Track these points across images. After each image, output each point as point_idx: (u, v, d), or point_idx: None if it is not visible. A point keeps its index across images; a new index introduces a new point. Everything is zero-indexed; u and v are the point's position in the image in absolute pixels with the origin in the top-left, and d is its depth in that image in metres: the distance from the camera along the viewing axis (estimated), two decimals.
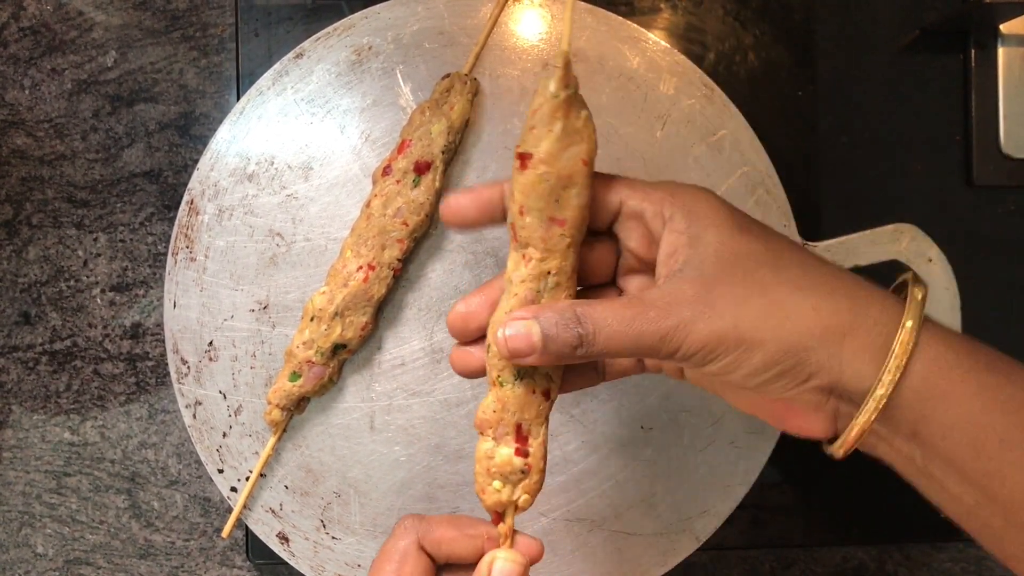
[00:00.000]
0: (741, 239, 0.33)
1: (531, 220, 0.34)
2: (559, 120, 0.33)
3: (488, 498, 0.36)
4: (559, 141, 0.33)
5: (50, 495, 0.58)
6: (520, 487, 0.36)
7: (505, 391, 0.36)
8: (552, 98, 0.33)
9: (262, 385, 0.49)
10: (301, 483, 0.49)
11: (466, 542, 0.36)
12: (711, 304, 0.32)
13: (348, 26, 0.49)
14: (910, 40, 0.57)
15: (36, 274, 0.58)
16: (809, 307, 0.32)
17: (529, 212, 0.34)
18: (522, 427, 0.36)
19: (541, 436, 0.36)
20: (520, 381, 0.35)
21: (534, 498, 0.37)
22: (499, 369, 0.36)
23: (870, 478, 0.56)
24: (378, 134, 0.49)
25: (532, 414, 0.36)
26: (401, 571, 0.35)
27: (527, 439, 0.36)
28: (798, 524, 0.56)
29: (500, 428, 0.36)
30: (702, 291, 0.32)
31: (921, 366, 0.32)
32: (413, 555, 0.35)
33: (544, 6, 0.49)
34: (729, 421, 0.49)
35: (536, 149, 0.33)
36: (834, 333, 0.32)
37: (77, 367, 0.58)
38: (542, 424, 0.36)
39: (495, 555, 0.35)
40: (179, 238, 0.49)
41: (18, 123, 0.58)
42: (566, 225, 0.34)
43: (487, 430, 0.36)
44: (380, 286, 0.47)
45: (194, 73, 0.58)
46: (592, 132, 0.34)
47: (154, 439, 0.58)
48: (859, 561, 0.60)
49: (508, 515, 0.36)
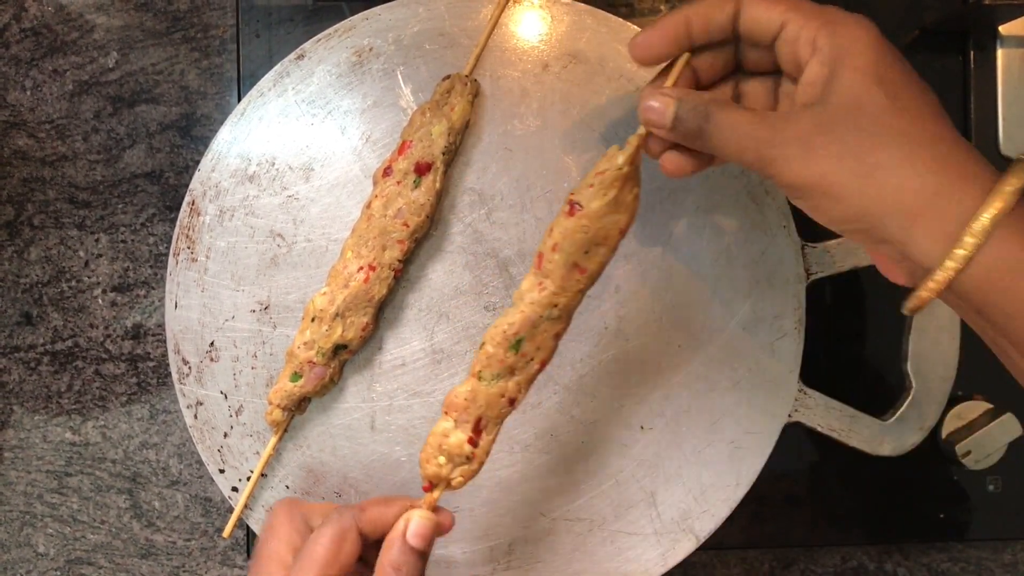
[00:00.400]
0: (872, 91, 0.34)
1: (559, 259, 0.39)
2: (615, 189, 0.38)
3: (430, 468, 0.41)
4: (608, 206, 0.38)
5: (51, 495, 0.58)
6: (459, 469, 0.41)
7: (482, 385, 0.40)
8: (617, 169, 0.38)
9: (263, 385, 0.49)
10: (302, 483, 0.49)
11: (392, 514, 0.40)
12: (812, 149, 0.34)
13: (349, 27, 0.49)
14: (909, 40, 0.57)
15: (38, 275, 0.58)
16: (895, 181, 0.33)
17: (560, 252, 0.39)
18: (481, 421, 0.41)
19: (492, 435, 0.41)
20: (496, 381, 0.40)
21: (466, 483, 0.41)
22: (484, 365, 0.40)
23: (870, 478, 0.57)
24: (379, 135, 0.49)
25: (494, 413, 0.41)
26: (342, 550, 0.38)
27: (481, 432, 0.41)
28: (798, 524, 0.56)
29: (464, 415, 0.41)
30: (812, 133, 0.34)
31: (991, 256, 0.32)
32: (353, 538, 0.39)
33: (544, 7, 0.49)
34: (729, 421, 0.49)
35: (588, 205, 0.38)
36: (908, 213, 0.33)
37: (78, 367, 0.58)
38: (497, 425, 0.41)
39: (412, 512, 0.39)
40: (180, 239, 0.49)
41: (20, 124, 0.58)
42: (585, 274, 0.39)
43: (452, 412, 0.41)
44: (381, 287, 0.47)
45: (195, 74, 0.58)
46: (636, 208, 0.39)
47: (155, 439, 0.58)
48: (859, 561, 0.60)
49: (439, 488, 0.41)
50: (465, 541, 0.49)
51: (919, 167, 0.33)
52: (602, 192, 0.38)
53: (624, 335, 0.49)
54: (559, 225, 0.39)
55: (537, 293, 0.39)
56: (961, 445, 0.53)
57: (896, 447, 0.51)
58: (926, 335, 0.50)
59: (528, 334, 0.40)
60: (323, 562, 0.38)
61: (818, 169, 0.34)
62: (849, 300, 0.57)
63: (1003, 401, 0.54)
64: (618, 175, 0.38)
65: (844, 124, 0.34)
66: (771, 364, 0.49)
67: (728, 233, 0.49)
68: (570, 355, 0.49)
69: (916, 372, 0.51)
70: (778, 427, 0.49)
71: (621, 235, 0.40)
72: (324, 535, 0.39)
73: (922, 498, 0.56)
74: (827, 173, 0.34)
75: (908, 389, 0.51)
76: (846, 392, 0.51)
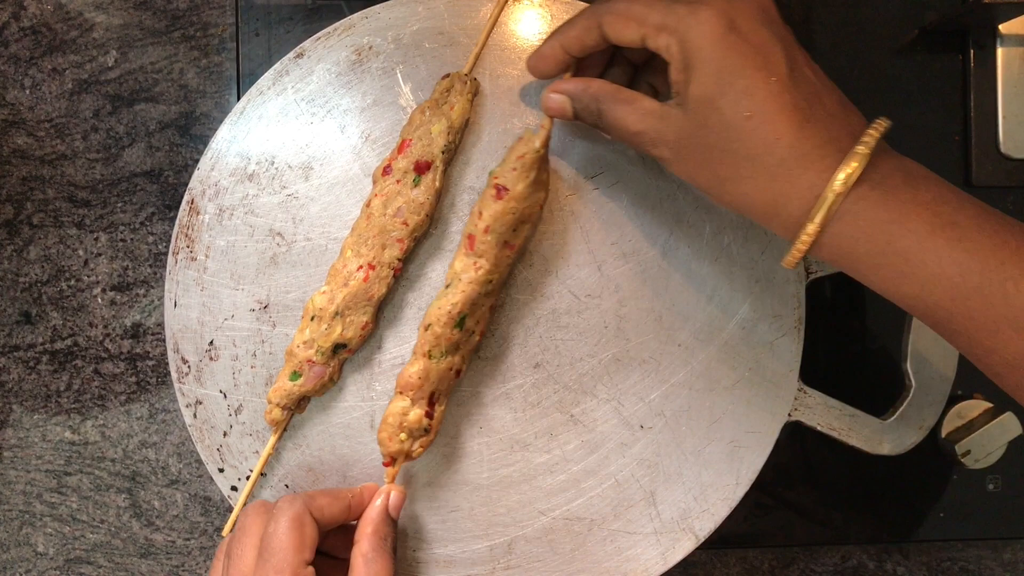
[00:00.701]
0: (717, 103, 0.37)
1: (492, 240, 0.44)
2: (534, 170, 0.43)
3: (393, 446, 0.45)
4: (530, 186, 0.43)
5: (51, 494, 0.58)
6: (418, 441, 0.45)
7: (432, 363, 0.44)
8: (535, 152, 0.43)
9: (262, 384, 0.49)
10: (302, 482, 0.49)
11: (339, 504, 0.43)
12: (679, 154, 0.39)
13: (348, 26, 0.49)
14: (909, 40, 0.57)
15: (37, 273, 0.58)
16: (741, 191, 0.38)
17: (492, 233, 0.44)
18: (435, 395, 0.45)
19: (444, 405, 0.46)
20: (445, 357, 0.44)
21: (424, 451, 0.46)
22: (432, 345, 0.44)
23: (869, 477, 0.57)
24: (378, 134, 0.49)
25: (444, 387, 0.45)
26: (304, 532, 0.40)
27: (435, 405, 0.45)
28: (797, 523, 0.56)
29: (419, 393, 0.45)
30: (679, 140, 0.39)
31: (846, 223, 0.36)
32: (309, 521, 0.41)
33: (544, 6, 0.49)
34: (729, 421, 0.49)
35: (513, 187, 0.43)
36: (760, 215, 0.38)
37: (78, 366, 0.58)
38: (447, 396, 0.46)
39: (389, 488, 0.44)
40: (180, 238, 0.49)
41: (19, 123, 0.58)
42: (514, 250, 0.45)
43: (408, 392, 0.45)
44: (380, 285, 0.47)
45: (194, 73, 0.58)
46: (549, 184, 0.45)
47: (155, 438, 0.58)
48: (858, 560, 0.60)
49: (399, 462, 0.45)
50: (465, 540, 0.49)
51: (760, 180, 0.37)
52: (524, 174, 0.43)
53: (624, 335, 0.49)
54: (488, 208, 0.43)
55: (473, 272, 0.44)
56: (961, 444, 0.53)
57: (896, 446, 0.51)
58: (926, 334, 0.50)
59: (470, 311, 0.44)
60: (291, 547, 0.40)
61: (685, 172, 0.40)
62: (849, 299, 0.57)
63: (1003, 400, 0.54)
64: (536, 157, 0.43)
65: (699, 134, 0.38)
66: (771, 363, 0.49)
67: (728, 233, 0.49)
68: (570, 354, 0.49)
69: (916, 371, 0.51)
70: (778, 426, 0.49)
71: (541, 210, 0.45)
72: (281, 524, 0.40)
73: (922, 497, 0.56)
74: (693, 176, 0.39)
75: (908, 388, 0.51)
76: (846, 391, 0.51)
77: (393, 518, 0.44)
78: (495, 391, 0.49)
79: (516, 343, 0.49)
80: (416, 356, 0.45)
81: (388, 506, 0.44)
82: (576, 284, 0.49)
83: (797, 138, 0.36)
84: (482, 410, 0.49)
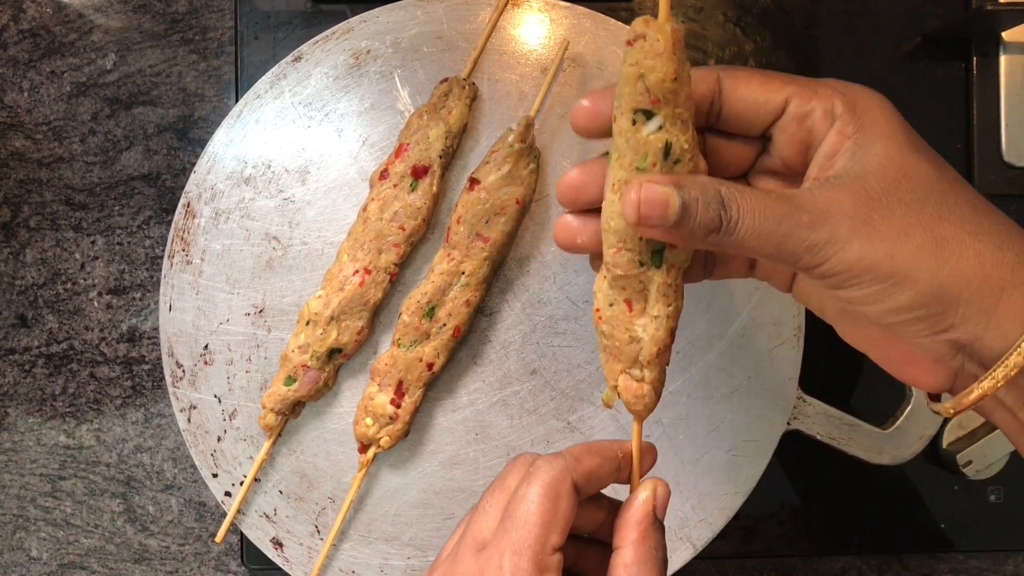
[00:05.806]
0: (913, 159, 0.30)
1: (463, 230, 0.45)
2: (508, 164, 0.45)
3: (359, 429, 0.46)
4: (503, 179, 0.45)
5: (45, 499, 0.58)
6: (385, 430, 0.46)
7: (400, 352, 0.46)
8: (509, 147, 0.45)
9: (257, 389, 0.49)
10: (296, 488, 0.49)
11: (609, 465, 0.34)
12: (871, 225, 0.29)
13: (346, 30, 0.49)
14: (911, 47, 0.56)
15: (33, 277, 0.58)
16: (973, 253, 0.29)
17: (464, 224, 0.45)
18: (403, 384, 0.46)
19: (415, 397, 0.46)
20: (414, 347, 0.46)
21: (394, 443, 0.46)
22: (402, 333, 0.46)
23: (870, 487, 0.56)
24: (376, 138, 0.49)
25: (414, 377, 0.46)
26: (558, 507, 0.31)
27: (404, 395, 0.46)
28: (797, 533, 0.56)
29: (386, 379, 0.46)
30: (863, 208, 0.29)
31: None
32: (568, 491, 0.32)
33: (542, 11, 0.49)
34: (727, 429, 0.48)
35: (485, 179, 0.45)
36: (992, 287, 0.29)
37: (73, 370, 0.57)
38: (420, 389, 0.46)
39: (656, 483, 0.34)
40: (175, 241, 0.49)
41: (17, 125, 0.58)
42: (488, 243, 0.45)
43: (376, 378, 0.46)
44: (376, 290, 0.47)
45: (193, 76, 0.58)
46: (533, 182, 0.46)
47: (149, 443, 0.58)
48: (858, 571, 0.60)
49: (371, 450, 0.46)
50: None
51: (992, 239, 0.29)
52: (496, 167, 0.45)
53: None
54: (461, 199, 0.46)
55: (446, 264, 0.46)
56: (962, 455, 0.53)
57: (896, 456, 0.50)
58: None
59: (439, 301, 0.45)
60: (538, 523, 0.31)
61: (883, 248, 0.29)
62: None
63: None
64: (510, 152, 0.45)
65: (896, 195, 0.29)
66: (770, 371, 0.48)
67: None
68: (567, 360, 0.48)
69: None
70: (777, 435, 0.49)
71: (519, 205, 0.46)
72: (532, 492, 0.31)
73: (923, 508, 0.56)
74: (895, 251, 0.29)
75: (908, 398, 0.51)
76: (846, 400, 0.50)
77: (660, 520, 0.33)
78: (491, 398, 0.49)
79: (513, 349, 0.48)
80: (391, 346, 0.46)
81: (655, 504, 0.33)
82: (574, 290, 0.49)
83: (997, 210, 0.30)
84: (478, 417, 0.49)
